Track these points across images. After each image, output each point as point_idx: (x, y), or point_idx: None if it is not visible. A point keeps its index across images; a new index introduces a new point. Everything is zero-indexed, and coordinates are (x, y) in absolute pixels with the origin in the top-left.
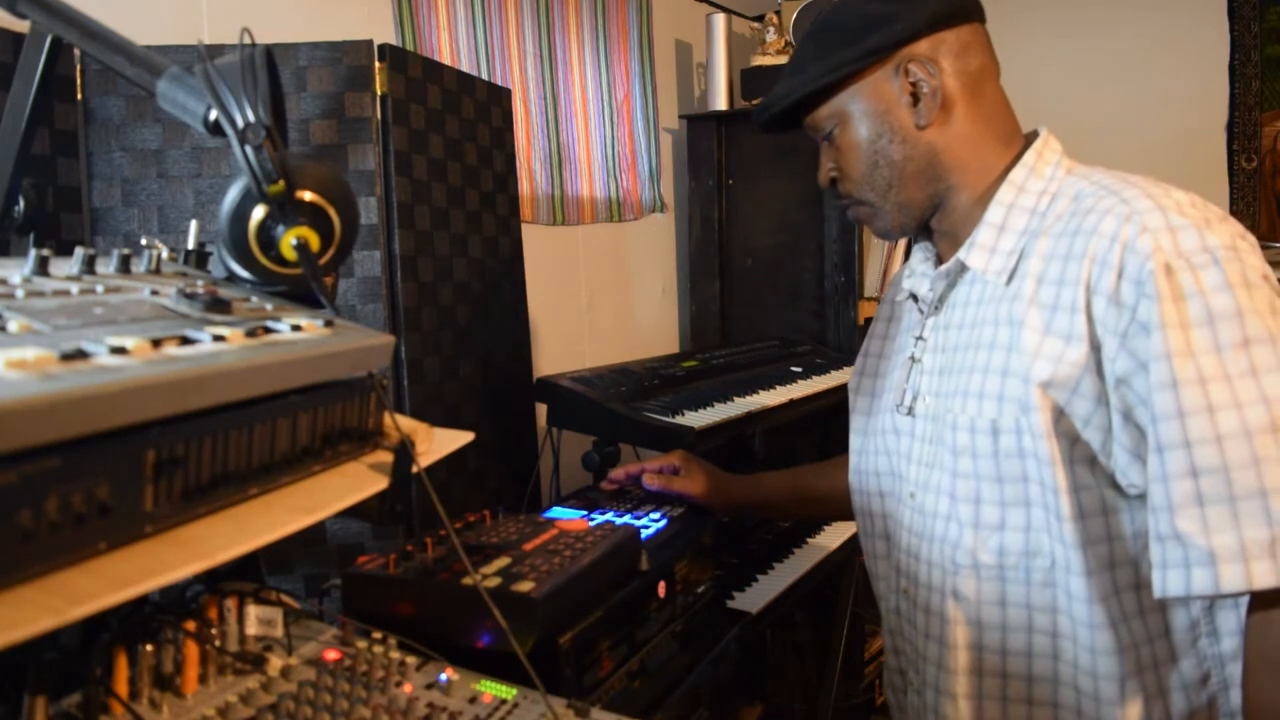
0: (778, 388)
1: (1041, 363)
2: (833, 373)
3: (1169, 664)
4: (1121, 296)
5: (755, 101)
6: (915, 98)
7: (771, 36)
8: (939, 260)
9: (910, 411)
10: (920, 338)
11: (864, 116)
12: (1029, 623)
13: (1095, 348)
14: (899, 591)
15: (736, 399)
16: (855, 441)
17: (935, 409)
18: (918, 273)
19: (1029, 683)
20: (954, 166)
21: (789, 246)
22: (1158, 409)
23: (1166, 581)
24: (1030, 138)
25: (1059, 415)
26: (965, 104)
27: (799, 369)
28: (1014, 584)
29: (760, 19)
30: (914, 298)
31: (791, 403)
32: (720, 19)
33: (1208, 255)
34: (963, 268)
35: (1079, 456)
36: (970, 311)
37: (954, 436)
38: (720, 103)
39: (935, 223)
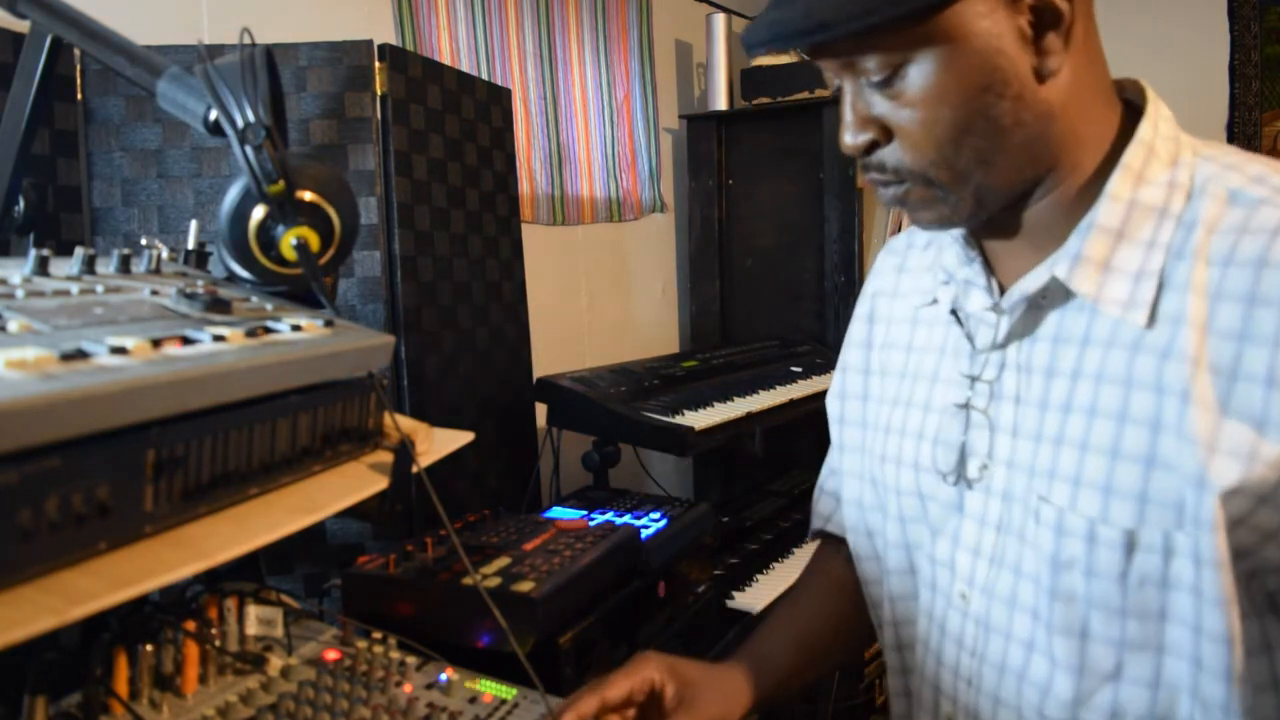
0: (778, 388)
1: (1224, 460)
2: (833, 373)
3: None
4: None
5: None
6: (1038, 33)
7: None
8: (986, 262)
9: (966, 481)
10: (978, 378)
11: (962, 57)
12: None
13: None
14: None
15: (736, 399)
16: (853, 489)
17: (1017, 488)
18: (958, 278)
19: None
20: (1068, 139)
21: (789, 246)
22: None
23: None
24: (1120, 93)
25: (1234, 530)
26: (1084, 47)
27: (799, 369)
28: None
29: None
30: (955, 315)
31: (791, 403)
32: (720, 19)
33: None
34: (1065, 292)
35: (1248, 582)
36: (1074, 356)
37: (1056, 541)
38: (720, 103)
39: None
